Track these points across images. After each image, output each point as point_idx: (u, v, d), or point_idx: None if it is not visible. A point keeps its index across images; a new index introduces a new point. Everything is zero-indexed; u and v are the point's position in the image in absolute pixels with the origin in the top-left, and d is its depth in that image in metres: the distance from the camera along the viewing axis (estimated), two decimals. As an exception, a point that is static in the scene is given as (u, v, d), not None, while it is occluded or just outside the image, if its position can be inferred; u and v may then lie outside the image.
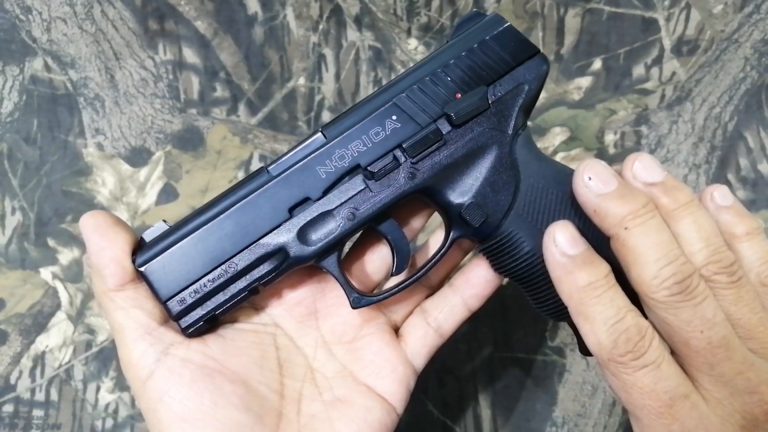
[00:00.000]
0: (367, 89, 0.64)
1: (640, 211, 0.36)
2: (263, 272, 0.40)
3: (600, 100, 0.63)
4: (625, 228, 0.36)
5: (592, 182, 0.37)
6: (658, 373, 0.35)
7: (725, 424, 0.34)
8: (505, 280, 0.44)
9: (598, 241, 0.38)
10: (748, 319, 0.35)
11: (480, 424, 0.59)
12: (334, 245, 0.40)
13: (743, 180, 0.62)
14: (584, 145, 0.62)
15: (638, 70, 0.63)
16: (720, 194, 0.38)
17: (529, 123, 0.42)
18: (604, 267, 0.36)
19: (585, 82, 0.63)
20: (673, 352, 0.36)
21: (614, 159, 0.62)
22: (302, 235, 0.40)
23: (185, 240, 0.39)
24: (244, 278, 0.40)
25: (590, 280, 0.36)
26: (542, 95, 0.62)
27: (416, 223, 0.45)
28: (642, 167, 0.37)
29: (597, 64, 0.63)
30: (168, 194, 0.62)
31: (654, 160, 0.38)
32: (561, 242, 0.37)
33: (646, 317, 0.36)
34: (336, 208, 0.40)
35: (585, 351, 0.38)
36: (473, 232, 0.41)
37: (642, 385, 0.35)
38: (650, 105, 0.63)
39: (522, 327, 0.60)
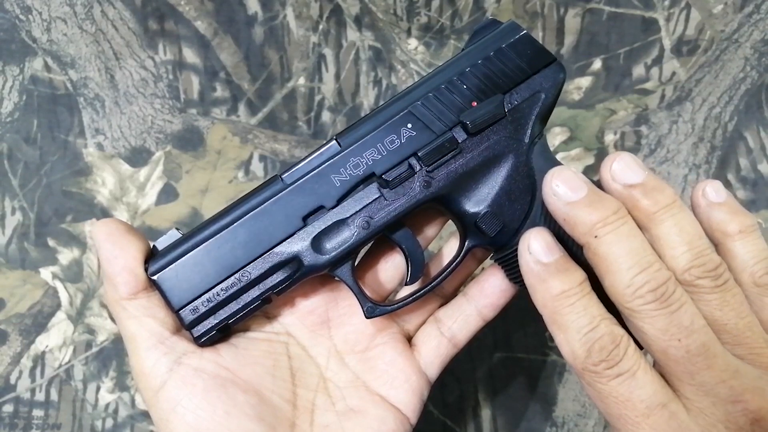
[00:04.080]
0: (367, 89, 0.64)
1: (610, 218, 0.35)
2: (276, 281, 0.39)
3: (600, 100, 0.63)
4: (595, 236, 0.35)
5: (561, 189, 0.36)
6: (634, 382, 0.34)
7: None
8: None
9: None
10: (734, 324, 0.34)
11: (480, 424, 0.59)
12: (348, 254, 0.40)
13: (743, 180, 0.62)
14: (584, 145, 0.62)
15: (638, 70, 0.63)
16: (713, 190, 0.37)
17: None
18: (579, 275, 0.36)
19: (585, 82, 0.63)
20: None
21: (614, 159, 0.62)
22: (316, 243, 0.39)
23: (198, 248, 0.39)
24: (257, 287, 0.39)
25: (563, 288, 0.35)
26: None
27: (430, 231, 0.44)
28: (621, 168, 0.36)
29: (597, 64, 0.63)
30: (168, 194, 0.62)
31: (634, 160, 0.36)
32: (535, 250, 0.36)
33: (623, 325, 0.35)
34: (350, 216, 0.39)
35: None
36: (489, 241, 0.40)
37: (617, 395, 0.34)
38: (650, 105, 0.63)
39: (522, 327, 0.60)
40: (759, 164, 0.62)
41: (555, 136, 0.62)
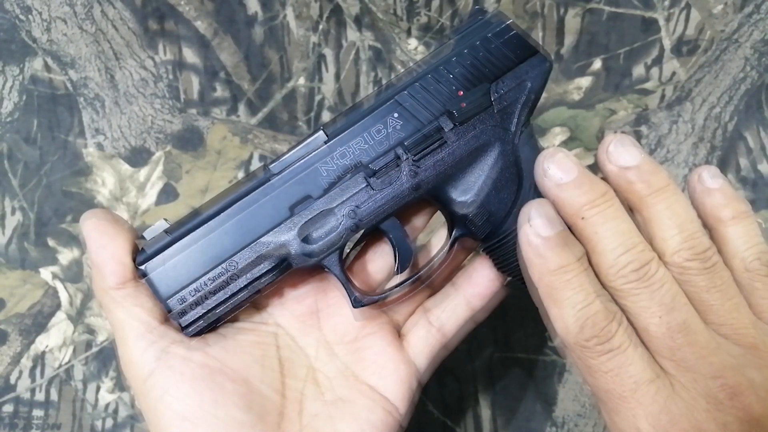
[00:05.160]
0: (367, 89, 0.64)
1: (598, 201, 0.36)
2: (264, 271, 0.40)
3: (600, 100, 0.63)
4: (583, 218, 0.36)
5: (551, 171, 0.37)
6: (623, 358, 0.35)
7: (690, 409, 0.34)
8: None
9: None
10: (720, 304, 0.35)
11: (480, 424, 0.59)
12: (335, 244, 0.40)
13: (743, 180, 0.62)
14: (584, 145, 0.62)
15: (638, 70, 0.63)
16: (709, 175, 0.38)
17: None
18: (578, 250, 0.36)
19: (585, 82, 0.63)
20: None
21: (614, 159, 0.62)
22: (303, 233, 0.40)
23: (186, 238, 0.39)
24: (244, 277, 0.40)
25: (561, 263, 0.35)
26: (542, 95, 0.62)
27: (418, 221, 0.44)
28: (617, 149, 0.37)
29: (597, 64, 0.63)
30: (168, 194, 0.62)
31: (632, 142, 0.37)
32: (536, 222, 0.36)
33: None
34: (337, 206, 0.40)
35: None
36: (476, 230, 0.41)
37: (606, 370, 0.35)
38: (650, 105, 0.63)
39: (522, 327, 0.60)
40: (759, 164, 0.62)
41: (555, 136, 0.62)
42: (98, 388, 0.60)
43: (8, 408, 0.60)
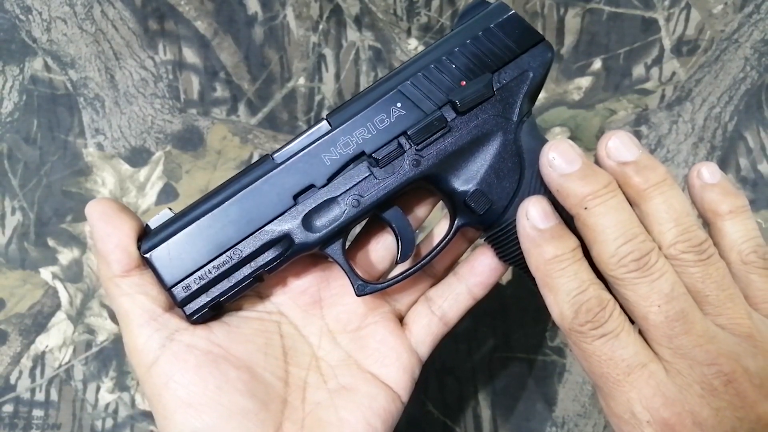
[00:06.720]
0: (367, 89, 0.64)
1: (601, 192, 0.36)
2: (268, 259, 0.40)
3: (600, 100, 0.63)
4: (585, 208, 0.36)
5: (556, 162, 0.37)
6: (616, 343, 0.36)
7: (683, 393, 0.35)
8: (508, 276, 0.44)
9: None
10: (716, 295, 0.36)
11: (480, 424, 0.59)
12: (338, 232, 0.40)
13: (743, 180, 0.62)
14: (584, 145, 0.62)
15: (638, 70, 0.63)
16: (708, 171, 0.39)
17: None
18: (572, 242, 0.37)
19: (585, 82, 0.63)
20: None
21: (614, 159, 0.62)
22: (307, 222, 0.40)
23: (190, 227, 0.39)
24: (248, 265, 0.40)
25: (556, 253, 0.37)
26: (542, 95, 0.62)
27: (421, 212, 0.45)
28: (616, 145, 0.38)
29: (597, 64, 0.63)
30: (168, 194, 0.62)
31: (630, 138, 0.38)
32: (532, 216, 0.37)
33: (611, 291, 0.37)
34: (341, 195, 0.40)
35: None
36: (478, 219, 0.41)
37: (600, 354, 0.36)
38: (650, 105, 0.63)
39: (522, 327, 0.60)
40: (759, 164, 0.62)
41: (555, 136, 0.62)
42: (98, 388, 0.60)
43: (8, 408, 0.60)
